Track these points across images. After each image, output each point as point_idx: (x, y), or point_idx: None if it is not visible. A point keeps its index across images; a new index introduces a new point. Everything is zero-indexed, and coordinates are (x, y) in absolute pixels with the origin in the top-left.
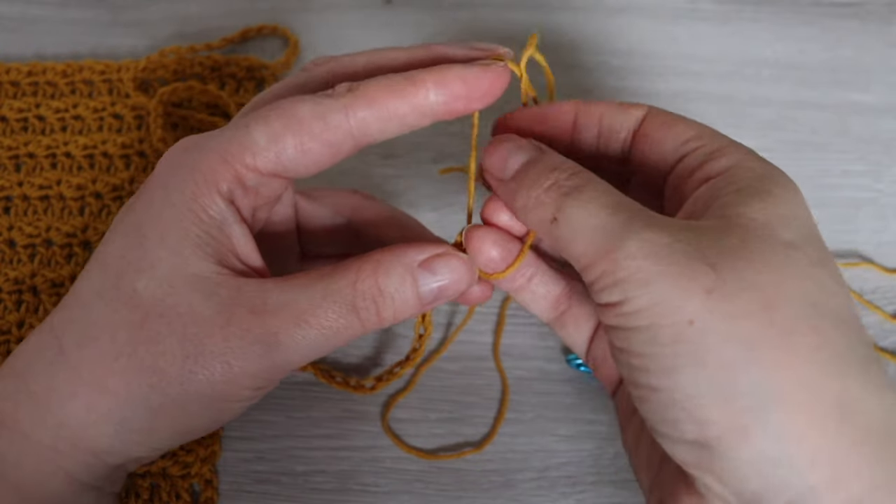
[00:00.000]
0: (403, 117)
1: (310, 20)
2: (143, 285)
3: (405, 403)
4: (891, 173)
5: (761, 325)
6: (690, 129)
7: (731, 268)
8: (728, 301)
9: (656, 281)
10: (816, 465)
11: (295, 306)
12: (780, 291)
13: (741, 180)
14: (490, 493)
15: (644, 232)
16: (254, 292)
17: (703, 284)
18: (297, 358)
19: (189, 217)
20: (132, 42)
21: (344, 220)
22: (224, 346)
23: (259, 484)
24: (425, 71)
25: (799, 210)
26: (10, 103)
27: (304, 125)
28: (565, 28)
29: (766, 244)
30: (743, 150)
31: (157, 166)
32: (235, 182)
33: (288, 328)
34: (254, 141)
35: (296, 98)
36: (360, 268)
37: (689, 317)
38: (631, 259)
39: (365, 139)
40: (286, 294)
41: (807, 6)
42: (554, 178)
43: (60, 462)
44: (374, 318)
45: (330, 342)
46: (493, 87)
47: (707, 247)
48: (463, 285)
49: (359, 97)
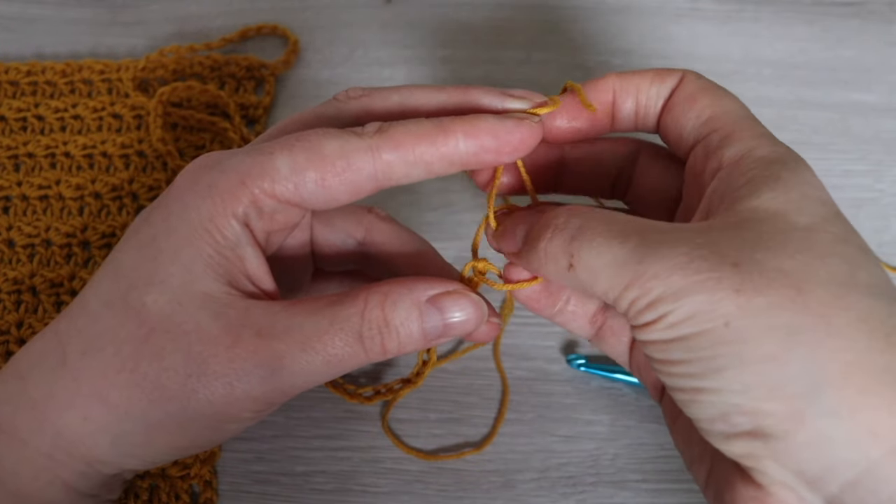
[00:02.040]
0: (430, 164)
1: (310, 20)
2: (152, 299)
3: (405, 404)
4: (892, 173)
5: (795, 312)
6: (710, 107)
7: (754, 261)
8: (758, 295)
9: (686, 293)
10: (877, 437)
11: (302, 331)
12: (807, 275)
13: (751, 170)
14: (490, 494)
15: (661, 250)
16: (262, 315)
17: (730, 285)
18: (300, 383)
19: (204, 237)
20: (131, 42)
21: (355, 244)
22: (228, 367)
23: (259, 484)
24: (457, 120)
25: (811, 191)
26: (10, 103)
27: (327, 161)
28: (566, 27)
29: (783, 232)
30: (755, 133)
31: (176, 179)
32: (252, 206)
33: (293, 353)
34: (275, 168)
35: (324, 131)
36: (368, 298)
37: (724, 319)
38: (656, 279)
39: (388, 182)
40: (294, 319)
41: (808, 6)
42: (553, 228)
43: (57, 470)
44: (379, 348)
45: (333, 369)
46: (525, 143)
47: (726, 247)
48: (470, 326)
49: (386, 139)
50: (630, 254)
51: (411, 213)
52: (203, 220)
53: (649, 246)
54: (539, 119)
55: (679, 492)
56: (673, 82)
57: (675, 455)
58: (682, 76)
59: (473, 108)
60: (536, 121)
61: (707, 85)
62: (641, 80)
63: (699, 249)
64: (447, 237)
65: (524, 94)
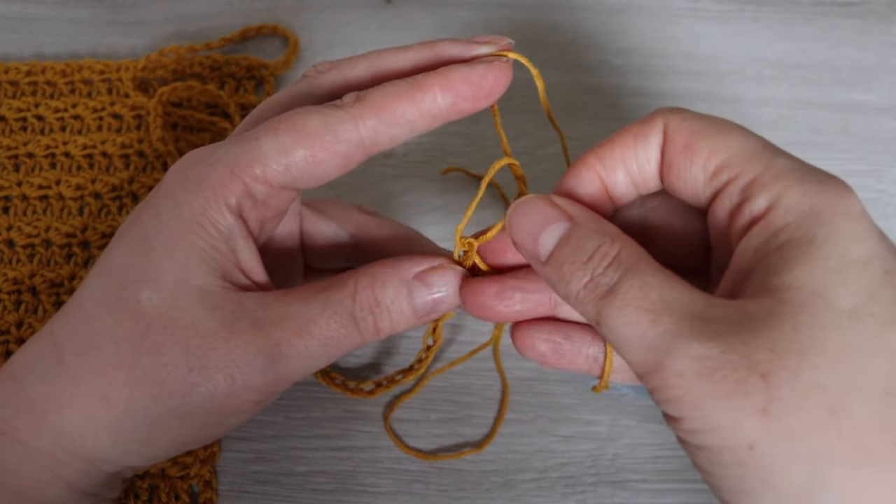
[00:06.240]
0: (412, 122)
1: (310, 20)
2: (146, 296)
3: (405, 404)
4: (892, 173)
5: (827, 439)
6: (714, 154)
7: (785, 371)
8: (786, 418)
9: (708, 403)
10: None
11: (297, 318)
12: (845, 387)
13: (782, 231)
14: (490, 494)
15: (691, 344)
16: (256, 306)
17: (756, 403)
18: (299, 369)
19: (197, 231)
20: (131, 41)
21: (347, 236)
22: (228, 358)
23: (259, 485)
24: (431, 75)
25: (852, 247)
26: (9, 103)
27: (313, 137)
28: (566, 27)
29: (821, 323)
30: (775, 171)
31: (165, 177)
32: (245, 195)
33: (290, 339)
34: (263, 153)
35: (304, 109)
36: (358, 280)
37: (748, 441)
38: (680, 378)
39: (375, 148)
40: (288, 307)
41: (808, 6)
42: (590, 273)
43: (58, 470)
44: (372, 328)
45: (331, 353)
46: (498, 84)
47: (756, 348)
48: (458, 298)
49: (367, 106)
50: (659, 338)
51: (411, 213)
52: (196, 214)
53: (680, 336)
54: (507, 60)
55: (679, 492)
56: (658, 137)
57: (675, 455)
58: (663, 126)
59: (442, 62)
60: (505, 61)
61: (696, 125)
62: (623, 149)
63: (728, 353)
64: (447, 237)
65: (489, 39)
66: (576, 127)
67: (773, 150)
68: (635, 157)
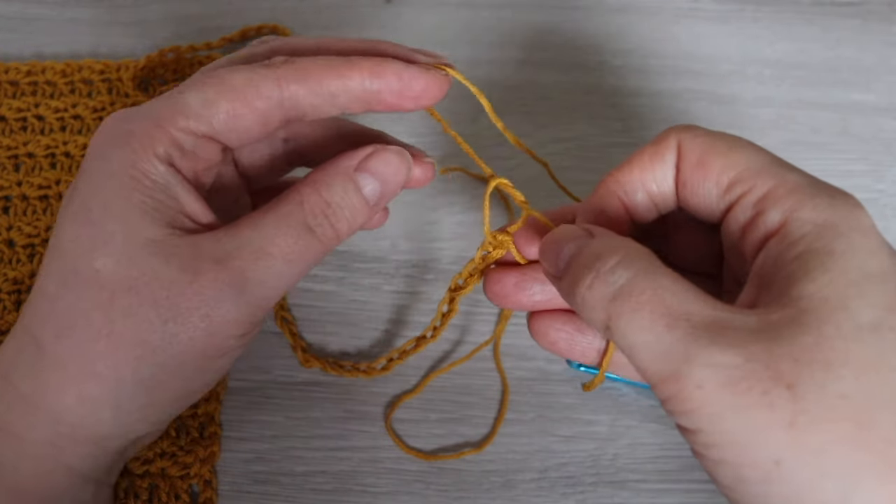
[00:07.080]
0: (334, 97)
1: (310, 20)
2: (101, 264)
3: (405, 404)
4: (892, 173)
5: (857, 452)
6: (726, 170)
7: (812, 383)
8: (814, 430)
9: (729, 416)
10: None
11: (253, 243)
12: (869, 399)
13: (799, 241)
14: (490, 494)
15: (711, 352)
16: (210, 245)
17: (782, 416)
18: (270, 292)
19: (131, 184)
20: (131, 41)
21: (281, 141)
22: (198, 300)
23: (258, 485)
24: (365, 59)
25: (871, 261)
26: (9, 103)
27: (236, 91)
28: (566, 27)
29: (844, 334)
30: (788, 186)
31: (91, 141)
32: (172, 145)
33: (252, 265)
34: (187, 105)
35: (233, 66)
36: (301, 189)
37: (775, 456)
38: (699, 389)
39: (294, 112)
40: (241, 236)
41: (808, 6)
42: (595, 272)
43: (60, 458)
44: (331, 232)
45: (296, 268)
46: (428, 91)
47: (781, 357)
48: (401, 176)
49: (294, 70)
50: (675, 345)
51: (411, 213)
52: (126, 167)
53: (699, 342)
54: (444, 73)
55: (679, 492)
56: (672, 155)
57: (675, 455)
58: (677, 143)
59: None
60: (442, 73)
61: (708, 142)
62: (641, 172)
63: (752, 362)
64: (447, 237)
65: (431, 53)
66: (575, 127)
67: (783, 164)
68: (654, 179)
